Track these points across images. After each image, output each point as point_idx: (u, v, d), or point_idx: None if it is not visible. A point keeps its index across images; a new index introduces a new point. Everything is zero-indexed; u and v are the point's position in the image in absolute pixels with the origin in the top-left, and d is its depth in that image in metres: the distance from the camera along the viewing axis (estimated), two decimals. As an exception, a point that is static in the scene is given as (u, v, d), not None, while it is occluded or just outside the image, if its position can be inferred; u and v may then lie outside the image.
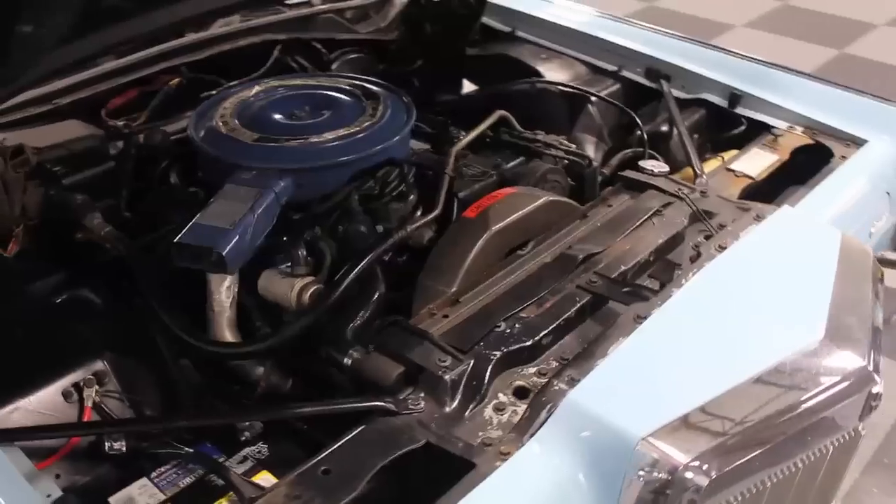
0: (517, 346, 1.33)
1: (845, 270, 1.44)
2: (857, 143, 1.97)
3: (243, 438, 1.35)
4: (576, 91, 2.21)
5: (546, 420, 1.18)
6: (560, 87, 2.22)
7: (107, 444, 1.31)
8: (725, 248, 1.51)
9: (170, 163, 1.81)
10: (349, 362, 1.37)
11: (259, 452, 1.33)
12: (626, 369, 1.24)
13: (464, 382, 1.27)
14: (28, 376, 1.37)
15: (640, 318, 1.33)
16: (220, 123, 1.77)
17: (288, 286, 1.53)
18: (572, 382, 1.22)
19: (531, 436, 1.17)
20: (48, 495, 1.11)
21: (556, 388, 1.22)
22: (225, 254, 1.43)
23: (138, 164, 1.82)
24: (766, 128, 2.07)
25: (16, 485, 1.11)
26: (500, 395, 1.28)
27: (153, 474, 1.27)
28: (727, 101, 2.16)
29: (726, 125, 2.17)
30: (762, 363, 1.24)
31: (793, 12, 5.74)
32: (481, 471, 1.14)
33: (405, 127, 1.79)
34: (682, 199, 1.67)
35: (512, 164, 1.87)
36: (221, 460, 1.29)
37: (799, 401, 1.22)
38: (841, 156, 1.93)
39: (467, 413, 1.25)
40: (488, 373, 1.28)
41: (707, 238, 1.60)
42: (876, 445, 2.49)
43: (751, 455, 1.16)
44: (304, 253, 1.56)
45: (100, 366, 1.40)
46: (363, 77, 2.01)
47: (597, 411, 1.16)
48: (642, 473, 1.11)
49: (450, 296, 1.46)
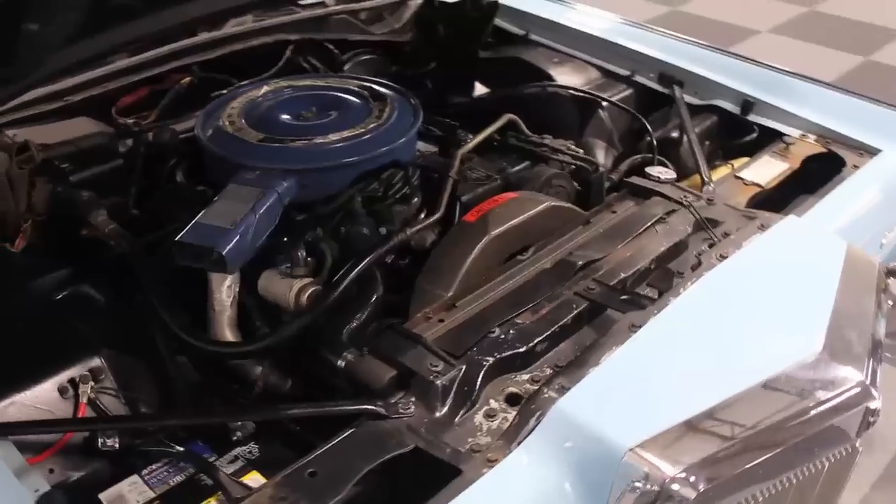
0: (510, 353, 1.32)
1: (848, 282, 1.42)
2: (871, 152, 1.94)
3: (235, 438, 1.36)
4: (587, 95, 2.19)
5: (534, 428, 1.17)
6: (571, 91, 2.21)
7: (100, 440, 1.32)
8: (726, 257, 1.49)
9: (177, 161, 1.82)
10: (343, 364, 1.37)
11: (250, 453, 1.33)
12: (618, 378, 1.23)
13: (455, 388, 1.27)
14: (25, 371, 1.38)
15: (635, 327, 1.31)
16: (227, 123, 1.78)
17: (286, 287, 1.53)
18: (562, 391, 1.21)
19: (519, 443, 1.16)
20: (36, 490, 1.12)
21: (546, 395, 1.21)
22: (225, 253, 1.44)
23: (147, 162, 1.83)
24: (779, 135, 2.05)
25: (4, 479, 1.12)
26: (492, 401, 1.27)
27: (144, 472, 1.27)
28: (740, 107, 2.14)
29: (738, 132, 2.14)
30: (757, 375, 1.23)
31: (819, 18, 5.67)
32: (467, 477, 1.13)
33: (411, 129, 1.78)
34: (686, 206, 1.65)
35: (517, 168, 1.85)
36: (212, 460, 1.30)
37: (793, 414, 1.20)
38: (853, 165, 1.90)
39: (457, 419, 1.25)
40: (480, 379, 1.28)
41: (711, 247, 1.58)
42: (888, 460, 2.44)
43: (742, 468, 1.15)
44: (304, 254, 1.56)
45: (97, 362, 1.41)
46: (372, 78, 2.01)
47: (585, 421, 1.14)
48: (629, 485, 1.10)
49: (446, 300, 1.45)
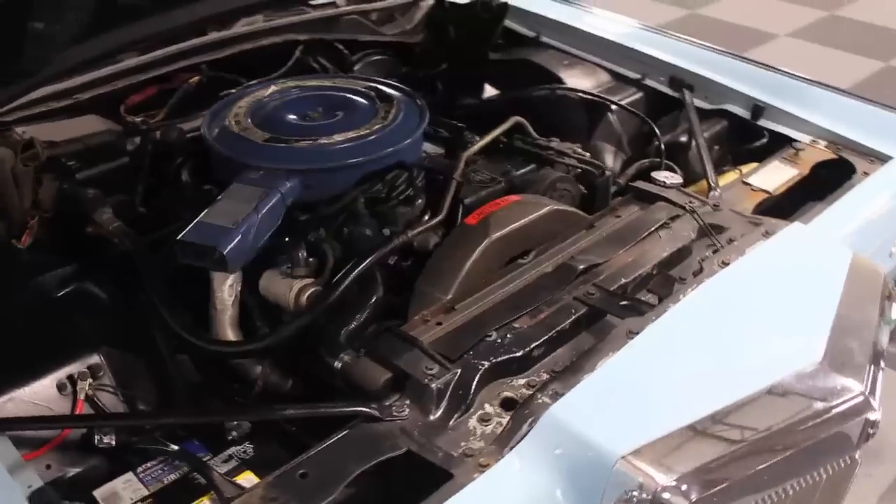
0: (507, 357, 1.31)
1: (852, 291, 1.40)
2: (882, 159, 1.92)
3: (230, 438, 1.36)
4: (596, 98, 2.18)
5: (527, 434, 1.16)
6: (580, 95, 2.20)
7: (97, 437, 1.33)
8: (728, 263, 1.47)
9: (183, 160, 1.82)
10: (339, 365, 1.38)
11: (244, 452, 1.33)
12: (612, 385, 1.22)
13: (450, 391, 1.26)
14: (25, 367, 1.39)
15: (632, 333, 1.30)
16: (233, 123, 1.78)
17: (287, 287, 1.54)
18: (556, 396, 1.20)
19: (511, 449, 1.16)
20: (29, 486, 1.12)
21: (540, 401, 1.20)
22: (226, 253, 1.44)
23: (154, 160, 1.84)
24: (789, 141, 2.02)
25: (-3, 474, 1.13)
26: (487, 405, 1.27)
27: (139, 469, 1.28)
28: (750, 112, 2.12)
29: (748, 137, 2.12)
30: (754, 384, 1.21)
31: (838, 23, 5.60)
32: (458, 482, 1.13)
33: (416, 131, 1.78)
34: (690, 212, 1.64)
35: (522, 171, 1.85)
36: (206, 459, 1.30)
37: (789, 424, 1.18)
38: (863, 172, 1.88)
39: (451, 422, 1.24)
40: (475, 383, 1.27)
41: (715, 253, 1.57)
42: (896, 470, 2.42)
43: (736, 478, 1.13)
44: (305, 254, 1.56)
45: (96, 360, 1.42)
46: (379, 79, 2.01)
47: (577, 427, 1.13)
48: (620, 493, 1.09)
49: (445, 303, 1.44)
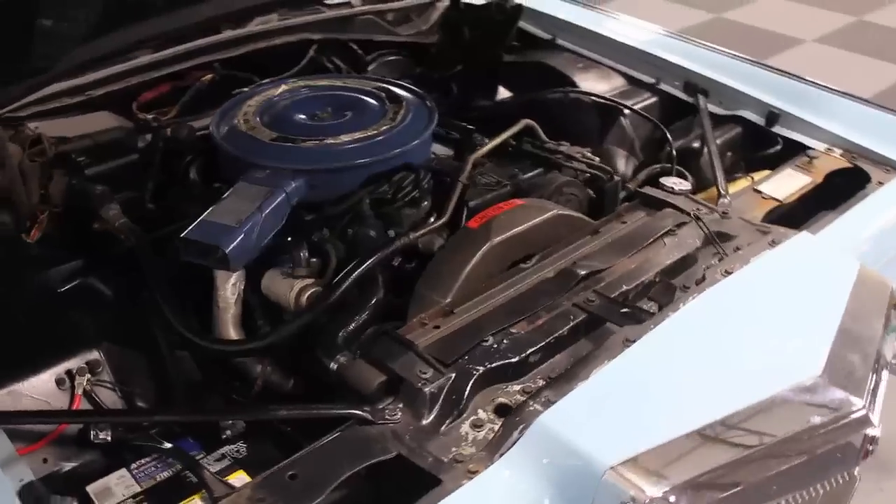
0: (502, 363, 1.30)
1: (857, 303, 1.37)
2: (898, 168, 1.88)
3: (224, 436, 1.36)
4: (608, 102, 2.16)
5: (517, 441, 1.15)
6: (593, 98, 2.18)
7: (92, 433, 1.34)
8: (732, 272, 1.45)
9: (192, 158, 1.83)
10: (335, 367, 1.38)
11: (237, 452, 1.33)
12: (605, 394, 1.20)
13: (443, 396, 1.25)
14: (25, 361, 1.40)
15: (629, 342, 1.29)
16: (242, 122, 1.79)
17: (287, 287, 1.54)
18: (548, 403, 1.19)
19: (500, 455, 1.15)
20: (21, 480, 1.13)
21: (531, 408, 1.19)
22: (228, 252, 1.45)
23: (164, 157, 1.85)
24: (803, 148, 1.99)
25: (-11, 467, 1.14)
26: (480, 411, 1.26)
27: (133, 466, 1.29)
28: (765, 119, 2.09)
29: (762, 144, 2.09)
30: (751, 396, 1.19)
31: (866, 28, 5.51)
32: (446, 488, 1.12)
33: (424, 132, 1.77)
34: (696, 219, 1.62)
35: (529, 174, 1.83)
36: (199, 457, 1.31)
37: (786, 438, 1.16)
38: (878, 181, 1.84)
39: (443, 427, 1.23)
40: (469, 388, 1.26)
41: (720, 262, 1.55)
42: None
43: (727, 493, 1.12)
44: (307, 254, 1.56)
45: (95, 355, 1.43)
46: (390, 80, 2.00)
47: (567, 436, 1.12)
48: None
49: (444, 306, 1.44)
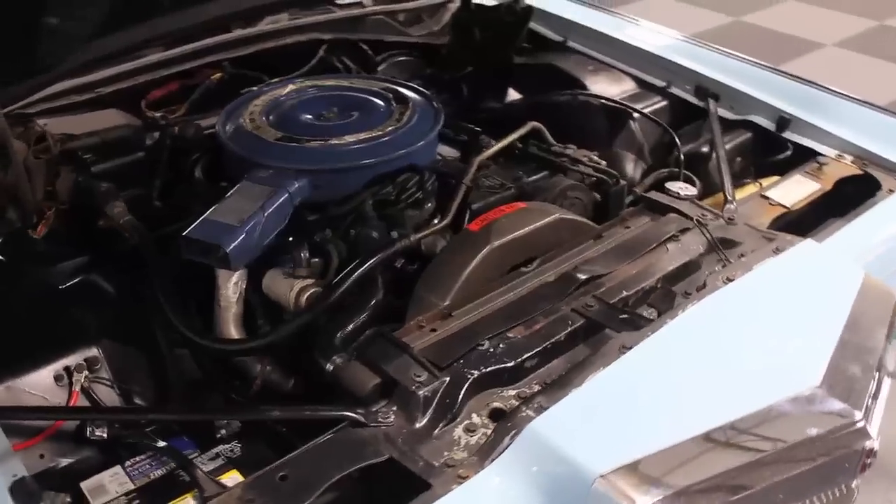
0: (497, 367, 1.29)
1: (860, 313, 1.35)
2: (910, 175, 1.86)
3: (219, 436, 1.36)
4: (618, 106, 2.15)
5: (508, 447, 1.14)
6: (602, 101, 2.17)
7: (89, 429, 1.34)
8: (733, 279, 1.44)
9: (199, 156, 1.84)
10: (331, 368, 1.37)
11: (232, 451, 1.34)
12: (599, 401, 1.19)
13: (437, 400, 1.25)
14: (24, 356, 1.41)
15: (625, 348, 1.27)
16: (248, 121, 1.79)
17: (287, 287, 1.54)
18: (540, 409, 1.18)
19: (491, 461, 1.14)
20: (14, 475, 1.14)
21: (524, 414, 1.18)
22: (229, 251, 1.45)
23: (172, 155, 1.86)
24: (814, 154, 1.97)
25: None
26: (474, 415, 1.25)
27: (127, 463, 1.29)
28: (775, 124, 2.07)
29: (772, 149, 2.07)
30: (747, 405, 1.17)
31: (888, 32, 5.44)
32: (436, 493, 1.12)
33: (430, 133, 1.77)
34: (700, 225, 1.60)
35: (534, 177, 1.83)
36: (193, 456, 1.31)
37: (781, 450, 1.15)
38: (889, 189, 1.82)
39: (436, 431, 1.23)
40: (463, 392, 1.25)
41: (723, 268, 1.53)
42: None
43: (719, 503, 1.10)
44: (307, 255, 1.56)
45: (94, 352, 1.44)
46: (398, 80, 2.00)
47: (557, 442, 1.11)
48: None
49: (442, 309, 1.43)
